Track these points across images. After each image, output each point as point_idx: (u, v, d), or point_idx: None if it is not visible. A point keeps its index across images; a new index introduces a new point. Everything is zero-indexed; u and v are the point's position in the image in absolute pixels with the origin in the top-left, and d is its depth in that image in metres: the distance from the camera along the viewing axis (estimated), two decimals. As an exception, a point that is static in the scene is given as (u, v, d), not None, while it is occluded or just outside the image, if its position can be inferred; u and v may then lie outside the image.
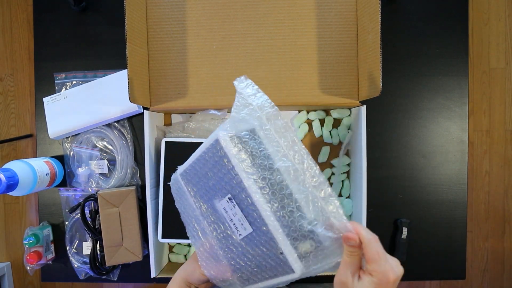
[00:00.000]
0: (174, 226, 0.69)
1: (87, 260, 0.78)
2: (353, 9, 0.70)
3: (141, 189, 0.79)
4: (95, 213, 0.76)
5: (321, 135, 0.77)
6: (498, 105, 1.50)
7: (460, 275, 0.79)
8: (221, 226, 0.46)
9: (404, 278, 0.81)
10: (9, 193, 0.67)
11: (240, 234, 0.44)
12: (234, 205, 0.44)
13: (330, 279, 0.79)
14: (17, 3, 1.55)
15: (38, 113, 0.80)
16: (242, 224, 0.44)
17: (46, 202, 0.82)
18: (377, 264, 0.37)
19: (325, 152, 0.77)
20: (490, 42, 1.50)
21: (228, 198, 0.44)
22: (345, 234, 0.38)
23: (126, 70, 0.64)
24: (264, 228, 0.41)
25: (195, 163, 0.49)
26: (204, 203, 0.48)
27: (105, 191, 0.74)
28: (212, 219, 0.47)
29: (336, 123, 0.77)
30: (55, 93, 0.79)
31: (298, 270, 0.41)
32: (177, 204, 0.54)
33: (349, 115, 0.76)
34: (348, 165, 0.77)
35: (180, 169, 0.52)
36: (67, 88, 0.79)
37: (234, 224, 0.44)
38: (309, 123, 0.78)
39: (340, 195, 0.77)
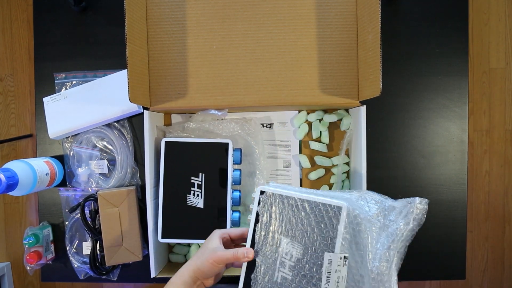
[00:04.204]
0: (174, 226, 0.69)
1: (87, 260, 0.78)
2: (353, 9, 0.70)
3: (141, 189, 0.79)
4: (95, 213, 0.76)
5: (319, 136, 0.77)
6: (498, 105, 1.50)
7: (460, 275, 0.78)
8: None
9: (404, 278, 0.81)
10: (9, 193, 0.67)
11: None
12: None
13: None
14: (17, 3, 1.55)
15: (38, 113, 0.80)
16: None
17: (46, 202, 0.82)
18: None
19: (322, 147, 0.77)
20: (490, 42, 1.49)
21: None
22: None
23: (126, 70, 0.63)
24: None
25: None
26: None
27: (105, 191, 0.74)
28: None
29: (333, 125, 0.77)
30: (55, 93, 0.79)
31: None
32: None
33: (341, 119, 0.76)
34: (348, 164, 0.77)
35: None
36: (67, 88, 0.79)
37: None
38: (309, 123, 0.78)
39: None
